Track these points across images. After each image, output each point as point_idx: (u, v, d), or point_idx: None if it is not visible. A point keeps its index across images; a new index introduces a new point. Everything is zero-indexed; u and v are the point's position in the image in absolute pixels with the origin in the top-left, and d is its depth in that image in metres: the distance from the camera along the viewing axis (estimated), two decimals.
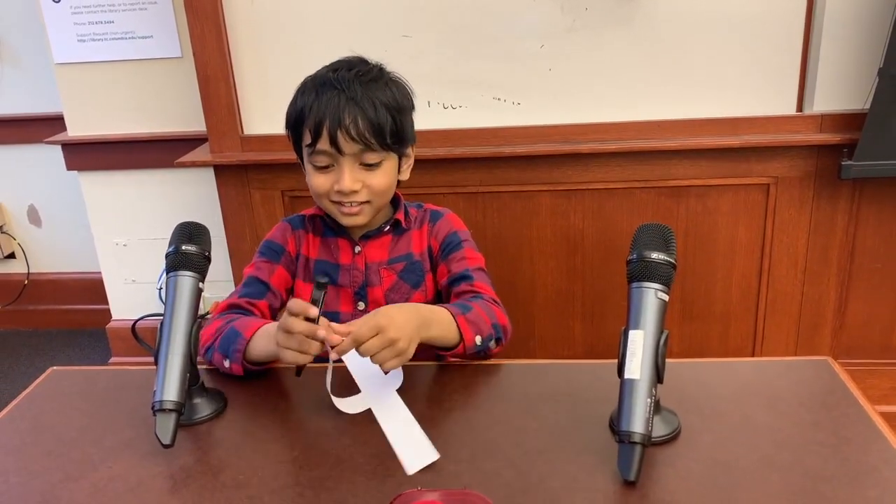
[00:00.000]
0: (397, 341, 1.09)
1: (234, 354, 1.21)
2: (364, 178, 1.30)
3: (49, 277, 3.26)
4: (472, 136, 2.09)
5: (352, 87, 1.26)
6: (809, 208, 2.06)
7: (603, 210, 2.12)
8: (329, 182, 1.30)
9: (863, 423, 1.02)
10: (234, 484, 0.97)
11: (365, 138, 1.26)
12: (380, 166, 1.31)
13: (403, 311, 1.14)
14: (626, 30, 2.00)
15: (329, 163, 1.30)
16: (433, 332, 1.18)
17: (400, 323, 1.10)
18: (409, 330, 1.11)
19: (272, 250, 1.43)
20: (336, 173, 1.30)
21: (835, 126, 1.99)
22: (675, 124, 2.04)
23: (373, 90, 1.28)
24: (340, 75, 1.28)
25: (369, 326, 1.08)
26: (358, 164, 1.29)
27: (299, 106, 1.30)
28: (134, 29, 2.36)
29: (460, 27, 2.03)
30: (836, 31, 1.93)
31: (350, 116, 1.25)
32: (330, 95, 1.26)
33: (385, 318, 1.09)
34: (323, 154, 1.29)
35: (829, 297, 2.15)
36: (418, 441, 1.01)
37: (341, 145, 1.26)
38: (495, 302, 1.34)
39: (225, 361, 1.22)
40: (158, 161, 2.45)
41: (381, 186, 1.32)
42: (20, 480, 1.00)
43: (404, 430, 1.03)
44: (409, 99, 1.35)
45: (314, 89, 1.29)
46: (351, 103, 1.25)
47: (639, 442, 0.92)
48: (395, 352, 1.09)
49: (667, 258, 1.00)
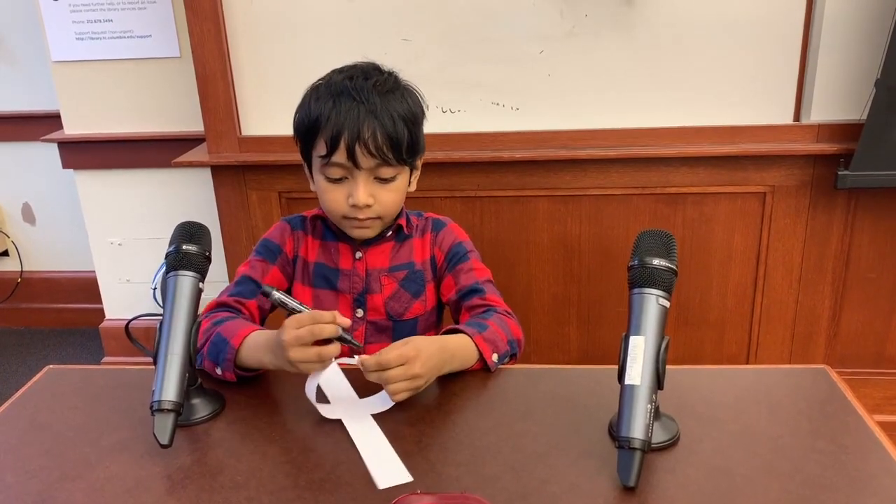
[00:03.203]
0: (419, 377, 1.10)
1: (224, 363, 1.19)
2: (377, 192, 1.28)
3: (43, 276, 3.24)
4: (471, 141, 2.10)
5: (371, 99, 1.23)
6: (805, 217, 2.07)
7: (600, 216, 2.13)
8: (344, 198, 1.28)
9: (861, 431, 1.03)
10: (233, 485, 0.96)
11: (383, 152, 1.24)
12: (393, 181, 1.29)
13: (432, 347, 1.14)
14: (625, 37, 2.01)
15: (343, 175, 1.27)
16: (455, 365, 1.19)
17: (426, 359, 1.10)
18: (433, 367, 1.13)
19: (269, 250, 1.41)
20: (349, 186, 1.27)
21: (832, 136, 2.00)
22: (672, 132, 2.05)
23: (391, 101, 1.25)
24: (358, 84, 1.25)
25: (398, 354, 1.08)
26: (372, 178, 1.27)
27: (314, 114, 1.26)
28: (132, 28, 2.35)
29: (460, 31, 2.03)
30: (833, 42, 1.94)
31: (369, 130, 1.22)
32: (348, 106, 1.23)
33: (414, 351, 1.09)
34: (338, 166, 1.26)
35: (823, 306, 2.16)
36: (391, 461, 1.00)
37: (359, 159, 1.24)
38: (509, 314, 1.33)
39: (217, 369, 1.20)
40: (155, 161, 2.44)
41: (393, 204, 1.32)
42: (16, 480, 0.99)
43: (377, 448, 1.03)
44: (421, 108, 1.34)
45: (330, 97, 1.25)
46: (370, 116, 1.23)
47: (639, 448, 0.92)
48: (413, 386, 1.10)
49: (668, 264, 1.01)
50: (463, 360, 1.21)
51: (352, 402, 1.15)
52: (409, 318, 1.40)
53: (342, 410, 1.11)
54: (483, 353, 1.21)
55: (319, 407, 1.11)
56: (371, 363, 1.08)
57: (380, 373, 1.09)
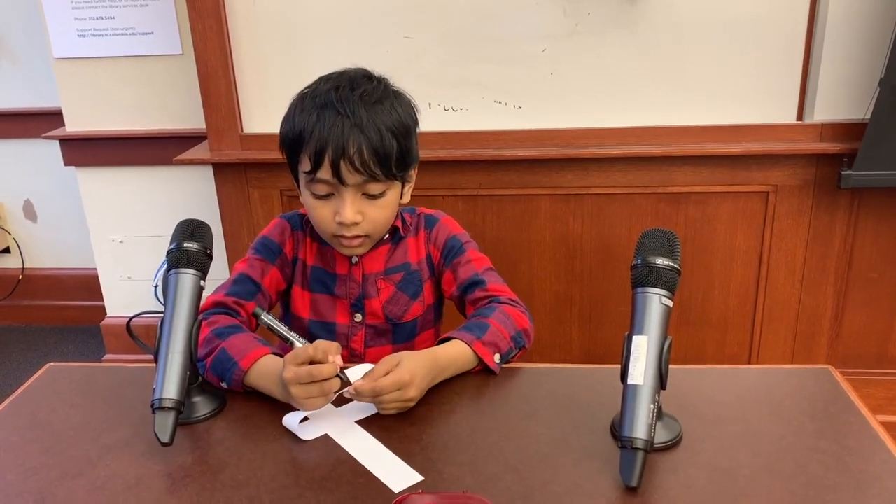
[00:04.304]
0: (411, 400, 1.10)
1: (232, 382, 1.16)
2: (365, 209, 1.23)
3: (44, 273, 3.24)
4: (473, 139, 2.09)
5: (356, 112, 1.18)
6: (808, 217, 2.07)
7: (602, 215, 2.12)
8: (331, 215, 1.23)
9: (865, 432, 1.02)
10: (234, 484, 0.96)
11: (370, 169, 1.18)
12: (383, 196, 1.24)
13: (424, 368, 1.12)
14: (628, 35, 2.00)
15: (329, 191, 1.22)
16: (448, 376, 1.19)
17: (419, 381, 1.10)
18: (424, 386, 1.13)
19: (269, 249, 1.36)
20: (336, 203, 1.22)
21: (835, 135, 2.00)
22: (675, 130, 2.04)
23: (378, 113, 1.19)
24: (343, 95, 1.19)
25: (393, 381, 1.07)
26: (360, 195, 1.22)
27: (297, 128, 1.21)
28: (134, 25, 2.35)
29: (462, 29, 2.03)
30: (837, 41, 1.94)
31: (354, 145, 1.17)
32: (333, 120, 1.17)
33: (409, 375, 1.08)
34: (323, 183, 1.21)
35: (826, 305, 2.15)
36: (395, 463, 0.99)
37: (344, 176, 1.18)
38: (514, 302, 1.31)
39: (222, 384, 1.18)
40: (157, 158, 2.44)
41: (382, 221, 1.27)
42: (17, 478, 0.99)
43: (376, 454, 1.01)
44: (413, 116, 1.28)
45: (314, 110, 1.20)
46: (356, 130, 1.17)
47: (641, 448, 0.92)
48: (404, 406, 1.10)
49: (671, 264, 1.00)
50: (457, 367, 1.20)
51: (332, 414, 1.11)
52: (407, 321, 1.39)
53: (326, 425, 1.08)
54: (483, 359, 1.20)
55: (299, 431, 1.06)
56: (367, 391, 1.07)
57: (374, 397, 1.08)
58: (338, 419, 1.10)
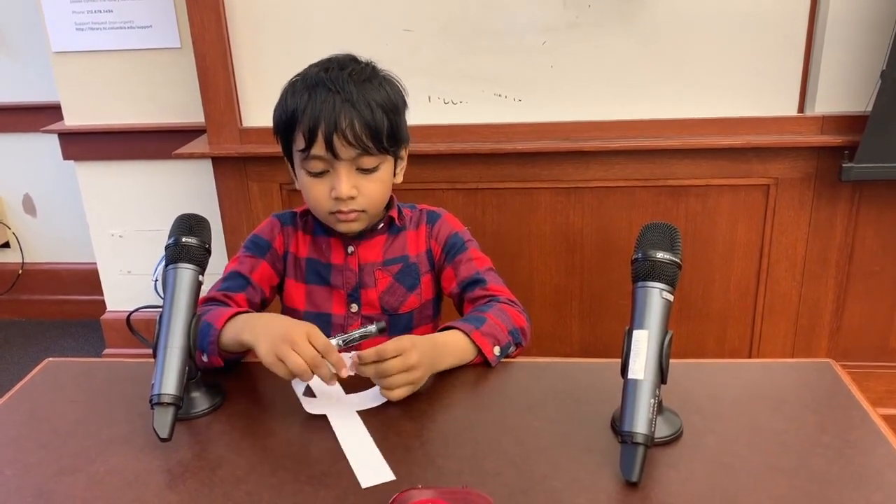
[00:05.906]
0: (415, 368, 1.09)
1: (209, 346, 1.17)
2: (360, 184, 1.26)
3: (44, 267, 3.24)
4: (473, 132, 2.08)
5: (346, 88, 1.22)
6: (809, 210, 2.06)
7: (603, 208, 2.11)
8: (327, 192, 1.26)
9: (866, 426, 1.02)
10: (233, 479, 0.96)
11: (362, 142, 1.22)
12: (376, 171, 1.27)
13: (425, 340, 1.14)
14: (628, 27, 1.99)
15: (324, 168, 1.25)
16: (449, 361, 1.19)
17: (421, 350, 1.10)
18: (428, 361, 1.12)
19: (258, 245, 1.39)
20: (331, 179, 1.26)
21: (836, 128, 1.99)
22: (676, 123, 2.04)
23: (367, 90, 1.24)
24: (333, 75, 1.24)
25: (394, 345, 1.08)
26: (354, 169, 1.26)
27: (290, 108, 1.25)
28: (133, 18, 2.34)
29: (462, 22, 2.02)
30: (838, 33, 1.93)
31: (346, 119, 1.21)
32: (324, 97, 1.22)
33: (409, 342, 1.09)
34: (318, 159, 1.24)
35: (827, 299, 2.15)
36: (373, 459, 0.99)
37: (338, 150, 1.22)
38: (512, 303, 1.32)
39: (203, 356, 1.18)
40: (156, 152, 2.44)
41: (377, 195, 1.30)
42: (15, 473, 0.99)
43: (360, 445, 1.02)
44: (402, 97, 1.32)
45: (305, 90, 1.24)
46: (346, 105, 1.21)
47: (642, 443, 0.91)
48: (410, 379, 1.09)
49: (672, 258, 1.00)
50: (456, 355, 1.20)
51: (338, 398, 1.13)
52: (404, 312, 1.39)
53: (328, 406, 1.10)
54: (482, 349, 1.20)
55: (304, 402, 1.10)
56: (370, 353, 1.07)
57: (377, 365, 1.08)
58: (341, 405, 1.11)
